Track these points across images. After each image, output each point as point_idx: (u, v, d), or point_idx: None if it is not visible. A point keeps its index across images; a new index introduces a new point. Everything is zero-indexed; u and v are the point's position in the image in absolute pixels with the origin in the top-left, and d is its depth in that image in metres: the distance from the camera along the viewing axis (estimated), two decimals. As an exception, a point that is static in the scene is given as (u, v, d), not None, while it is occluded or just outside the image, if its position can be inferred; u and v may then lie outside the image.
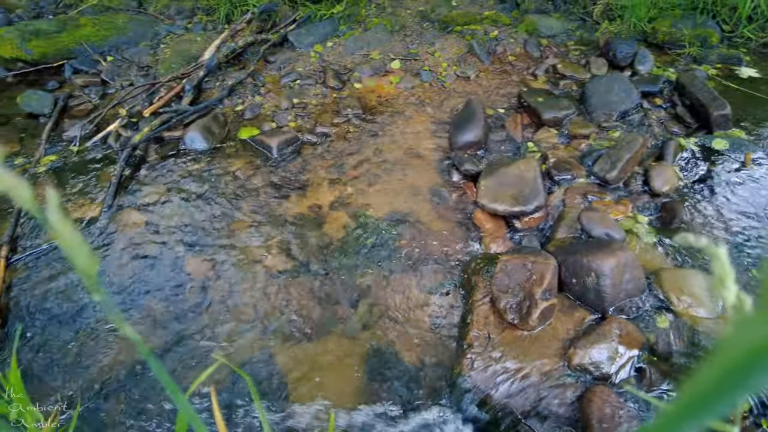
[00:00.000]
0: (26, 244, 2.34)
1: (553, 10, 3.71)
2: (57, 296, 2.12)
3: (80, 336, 1.98)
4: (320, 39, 3.51)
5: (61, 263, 2.24)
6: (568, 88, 3.07)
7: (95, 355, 1.92)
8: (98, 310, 2.06)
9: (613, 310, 1.93)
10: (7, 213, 2.45)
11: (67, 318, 2.04)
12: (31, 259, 2.27)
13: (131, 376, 1.86)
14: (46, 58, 3.45)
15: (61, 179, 2.66)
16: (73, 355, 1.92)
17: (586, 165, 2.52)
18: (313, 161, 2.71)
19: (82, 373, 1.87)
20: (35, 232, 2.39)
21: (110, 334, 1.98)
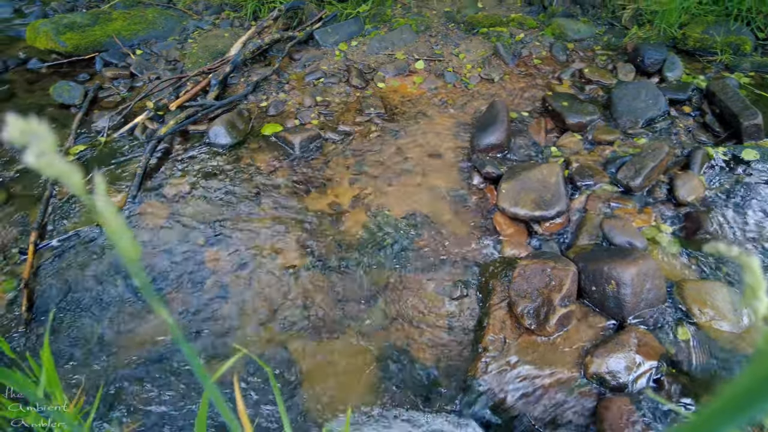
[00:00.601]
0: (54, 230, 2.40)
1: (580, 13, 3.67)
2: (82, 282, 2.17)
3: (104, 321, 2.03)
4: (345, 38, 3.53)
5: (86, 250, 2.30)
6: (594, 94, 3.03)
7: (118, 340, 1.97)
8: (121, 297, 2.11)
9: (633, 319, 1.90)
10: (37, 200, 2.52)
11: (91, 303, 2.09)
12: (58, 245, 2.33)
13: (154, 361, 1.90)
14: (79, 50, 3.54)
15: (89, 169, 2.72)
16: (96, 340, 1.97)
17: (610, 172, 2.48)
18: (335, 159, 2.72)
19: (105, 357, 1.91)
20: (63, 219, 2.45)
21: (133, 320, 2.03)
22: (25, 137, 0.25)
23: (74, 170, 0.27)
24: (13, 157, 2.80)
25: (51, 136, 0.26)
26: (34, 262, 2.25)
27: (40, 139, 0.25)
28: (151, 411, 1.76)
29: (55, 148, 0.25)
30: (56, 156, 0.25)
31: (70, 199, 2.54)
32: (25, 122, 0.25)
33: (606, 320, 1.93)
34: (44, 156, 0.25)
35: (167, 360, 1.90)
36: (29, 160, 0.26)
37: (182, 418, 1.75)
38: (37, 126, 0.25)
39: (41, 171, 0.26)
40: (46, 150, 0.25)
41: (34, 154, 0.25)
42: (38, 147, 0.25)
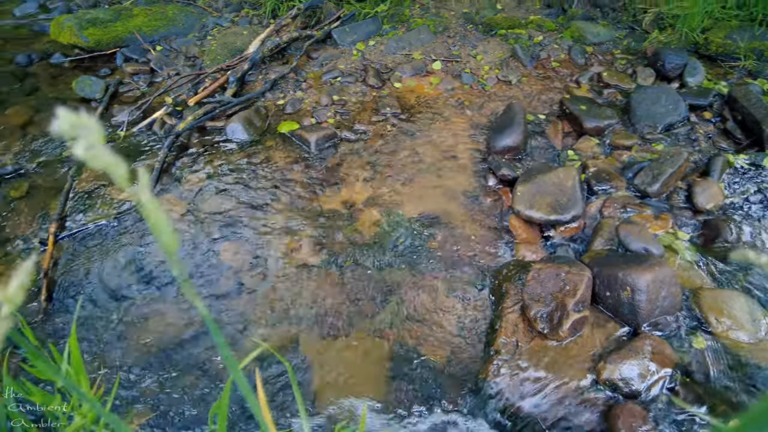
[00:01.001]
0: (73, 222, 2.44)
1: (600, 17, 3.64)
2: (99, 273, 2.21)
3: (121, 311, 2.06)
4: (363, 37, 3.54)
5: (103, 242, 2.34)
6: (612, 98, 3.00)
7: (135, 329, 2.00)
8: (137, 288, 2.14)
9: (647, 326, 1.88)
10: (57, 192, 2.56)
11: (108, 294, 2.13)
12: (77, 236, 2.37)
13: (170, 350, 1.92)
14: (101, 45, 3.59)
15: (108, 162, 2.76)
16: (113, 329, 2.00)
17: (627, 177, 2.46)
18: (350, 158, 2.73)
19: (123, 346, 1.94)
20: (81, 211, 2.49)
21: (150, 311, 2.05)
22: (74, 130, 0.26)
23: (120, 163, 0.28)
24: (35, 150, 2.85)
25: (99, 130, 0.27)
26: (53, 252, 2.29)
27: (88, 132, 0.26)
28: (166, 401, 1.79)
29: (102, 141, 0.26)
30: (103, 148, 0.26)
31: (89, 192, 2.58)
32: (74, 115, 0.26)
33: (620, 327, 1.92)
34: (92, 148, 0.26)
35: (182, 351, 1.93)
36: (78, 152, 0.27)
37: (197, 409, 1.77)
38: (86, 119, 0.26)
39: (89, 163, 0.27)
40: (94, 143, 0.26)
41: (83, 147, 0.26)
42: (87, 140, 0.26)
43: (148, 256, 2.27)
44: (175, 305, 2.09)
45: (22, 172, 2.70)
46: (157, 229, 0.29)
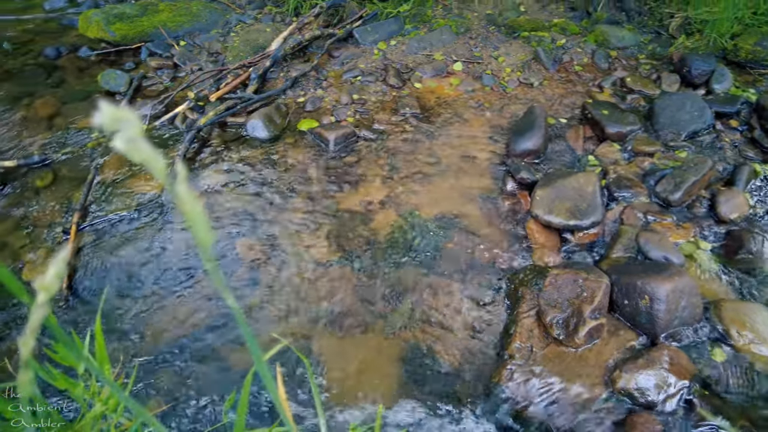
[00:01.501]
0: (95, 212, 2.49)
1: (626, 21, 3.59)
2: (120, 263, 2.25)
3: (140, 301, 2.09)
4: (385, 37, 3.54)
5: (124, 232, 2.38)
6: (636, 103, 2.96)
7: (152, 320, 2.03)
8: (156, 280, 2.17)
9: (665, 336, 1.85)
10: (80, 183, 2.61)
11: (128, 284, 2.16)
12: (99, 226, 2.42)
13: (187, 342, 1.95)
14: (126, 40, 3.65)
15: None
16: (131, 318, 2.03)
17: (648, 184, 2.43)
18: (368, 157, 2.74)
19: (139, 337, 1.97)
20: (104, 202, 2.54)
21: (167, 302, 2.08)
22: (115, 123, 0.27)
23: (158, 157, 0.28)
24: (61, 141, 2.91)
25: (139, 123, 0.27)
26: (76, 241, 2.34)
27: (129, 126, 0.26)
28: (181, 392, 1.81)
29: (142, 134, 0.27)
30: (144, 142, 0.27)
31: (111, 184, 2.63)
32: (115, 109, 0.26)
33: (637, 336, 1.89)
34: (132, 142, 0.27)
35: (198, 343, 1.95)
36: (118, 145, 0.27)
37: (212, 401, 1.79)
38: (126, 113, 0.27)
39: (128, 156, 0.28)
40: (135, 136, 0.27)
41: (123, 140, 0.27)
42: (127, 133, 0.26)
43: (166, 249, 2.30)
44: (191, 298, 2.11)
45: (47, 162, 2.76)
46: (193, 222, 0.30)
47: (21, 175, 2.69)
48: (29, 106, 3.16)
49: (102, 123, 0.27)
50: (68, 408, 1.68)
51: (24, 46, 3.74)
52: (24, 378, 0.38)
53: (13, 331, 2.00)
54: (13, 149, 2.85)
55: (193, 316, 2.05)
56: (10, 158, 2.76)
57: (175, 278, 2.19)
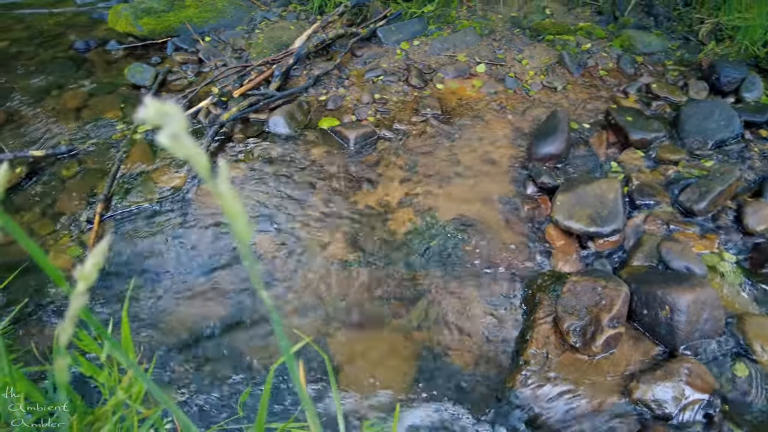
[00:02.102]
0: (118, 203, 2.53)
1: (653, 26, 3.52)
2: (140, 254, 2.28)
3: (158, 292, 2.13)
4: (408, 37, 3.53)
5: (146, 224, 2.42)
6: (661, 110, 2.91)
7: (170, 310, 2.06)
8: (176, 271, 2.20)
9: (685, 348, 1.82)
10: (105, 174, 2.67)
11: (149, 274, 2.20)
12: (121, 217, 2.46)
13: (203, 335, 1.97)
14: (154, 34, 3.71)
15: (154, 147, 2.85)
16: (149, 308, 2.07)
17: (672, 192, 2.38)
18: (387, 157, 2.74)
19: (157, 326, 2.01)
20: (127, 193, 2.58)
21: (185, 293, 2.11)
22: (160, 119, 0.27)
23: (202, 153, 0.28)
24: (87, 133, 2.97)
25: (184, 120, 0.28)
26: (98, 231, 2.38)
27: (174, 122, 0.27)
28: (196, 385, 1.83)
29: (185, 129, 0.27)
30: (188, 138, 0.27)
31: (134, 176, 2.68)
32: (161, 104, 0.27)
33: (655, 346, 1.86)
34: (176, 137, 0.27)
35: (215, 337, 1.98)
36: (162, 140, 0.28)
37: (226, 396, 1.81)
38: (171, 108, 0.27)
39: (172, 151, 0.28)
40: (179, 132, 0.27)
41: (167, 135, 0.27)
42: (172, 129, 0.27)
43: (186, 242, 2.34)
44: (209, 291, 2.14)
45: (74, 152, 2.82)
46: (233, 219, 0.30)
47: (49, 164, 2.76)
48: (58, 98, 3.23)
49: (147, 117, 0.27)
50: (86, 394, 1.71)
51: (55, 38, 3.82)
52: (61, 365, 0.39)
53: (39, 314, 2.05)
54: (42, 139, 2.92)
55: (210, 309, 2.08)
56: (39, 148, 2.83)
57: (193, 271, 2.22)
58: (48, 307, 2.08)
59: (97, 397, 1.67)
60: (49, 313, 2.06)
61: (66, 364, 0.39)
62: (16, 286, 2.09)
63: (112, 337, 1.04)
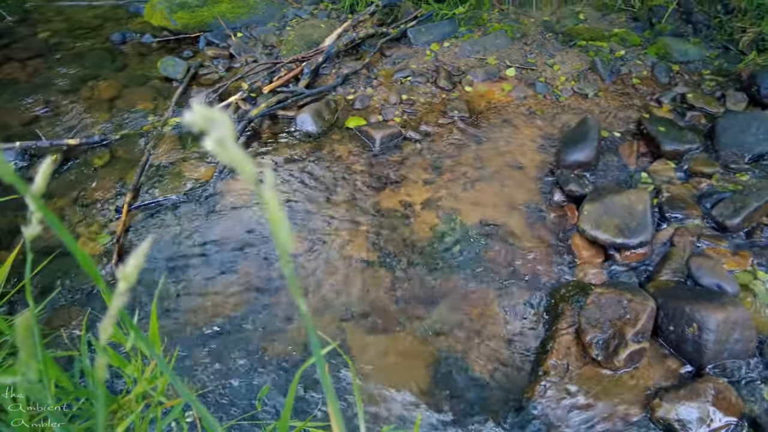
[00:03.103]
0: (146, 193, 2.58)
1: (691, 33, 3.43)
2: (166, 244, 2.32)
3: (182, 284, 2.16)
4: (438, 38, 3.51)
5: (172, 215, 2.46)
6: (696, 121, 2.83)
7: (193, 303, 2.09)
8: (199, 262, 2.23)
9: (712, 368, 1.77)
10: (134, 164, 2.72)
11: (173, 264, 2.24)
12: (149, 207, 2.51)
13: (225, 327, 2.00)
14: (187, 29, 3.78)
15: (183, 140, 2.90)
16: (173, 299, 2.10)
17: (704, 206, 2.31)
18: (412, 158, 2.73)
19: (180, 317, 2.04)
20: (155, 184, 2.63)
21: (209, 286, 2.14)
22: (206, 124, 0.27)
23: (248, 160, 0.28)
24: (119, 123, 3.04)
25: (231, 125, 0.28)
26: (126, 220, 2.44)
27: (220, 127, 0.27)
28: (216, 378, 1.86)
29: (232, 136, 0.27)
30: (233, 144, 0.27)
31: (163, 167, 2.72)
32: (208, 110, 0.27)
33: (681, 364, 1.81)
34: (222, 143, 0.27)
35: (236, 332, 2.00)
36: (208, 145, 0.28)
37: (245, 391, 1.83)
38: (218, 114, 0.27)
39: (217, 156, 0.28)
40: (225, 138, 0.27)
41: (213, 141, 0.27)
42: (218, 134, 0.27)
43: (211, 235, 2.37)
44: (232, 285, 2.17)
45: (106, 142, 2.89)
46: (276, 226, 0.30)
47: (82, 152, 2.83)
48: (93, 88, 3.31)
49: (193, 122, 0.27)
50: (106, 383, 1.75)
51: (93, 30, 3.92)
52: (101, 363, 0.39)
53: (69, 299, 2.11)
54: (76, 128, 3.00)
55: (232, 304, 2.10)
56: (74, 137, 2.90)
57: (217, 264, 2.25)
58: (77, 293, 2.13)
59: (114, 382, 1.71)
60: (78, 298, 2.12)
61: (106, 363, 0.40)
62: (47, 272, 2.15)
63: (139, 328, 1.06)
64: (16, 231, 2.41)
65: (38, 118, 3.08)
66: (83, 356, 0.89)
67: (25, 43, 3.78)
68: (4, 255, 2.25)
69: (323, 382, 0.41)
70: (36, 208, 0.37)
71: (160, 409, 0.89)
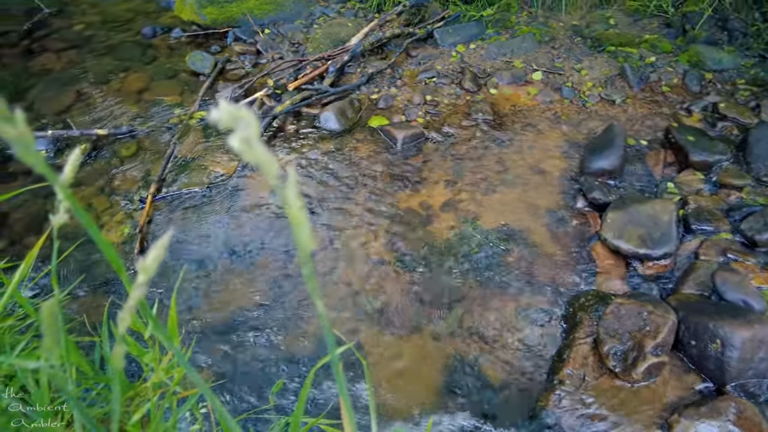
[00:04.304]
0: (170, 186, 2.63)
1: (726, 41, 3.34)
2: (187, 236, 2.36)
3: (201, 276, 2.19)
4: (464, 40, 3.49)
5: (194, 208, 2.50)
6: (727, 132, 2.75)
7: (211, 295, 2.12)
8: (219, 256, 2.26)
9: (734, 386, 1.72)
10: (160, 156, 2.77)
11: (192, 257, 2.27)
12: (171, 199, 2.55)
13: (241, 321, 2.02)
14: (216, 24, 3.83)
15: (207, 134, 2.94)
16: (191, 291, 2.13)
17: (733, 220, 2.25)
18: (434, 159, 2.72)
19: (197, 309, 2.07)
20: (179, 177, 2.67)
21: (227, 280, 2.17)
22: (233, 121, 0.27)
23: (272, 159, 0.28)
24: (147, 115, 3.10)
25: (256, 124, 0.28)
26: (150, 211, 2.48)
27: (246, 126, 0.27)
28: (231, 370, 1.88)
29: (258, 135, 0.27)
30: (258, 143, 0.27)
31: (187, 161, 2.77)
32: (234, 108, 0.27)
33: (701, 381, 1.77)
34: (248, 142, 0.27)
35: (253, 326, 2.02)
36: (233, 143, 0.28)
37: (261, 383, 1.84)
38: (245, 113, 0.27)
39: (242, 155, 0.28)
40: (251, 137, 0.27)
41: (239, 139, 0.27)
42: (244, 133, 0.27)
43: (231, 229, 2.40)
44: (250, 280, 2.19)
45: (134, 133, 2.95)
46: (297, 227, 0.30)
47: (110, 143, 2.89)
48: (123, 80, 3.38)
49: (220, 119, 0.27)
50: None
51: (125, 24, 4.00)
52: (118, 352, 0.40)
53: (90, 286, 2.16)
54: (105, 119, 3.07)
55: (249, 298, 2.12)
56: (102, 127, 2.97)
57: (236, 258, 2.28)
58: (101, 280, 2.18)
59: (132, 368, 1.74)
60: (101, 284, 2.17)
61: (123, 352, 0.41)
62: (72, 258, 2.20)
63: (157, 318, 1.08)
64: (44, 218, 2.47)
65: (70, 108, 3.16)
66: (104, 343, 0.91)
67: (61, 34, 3.88)
68: (33, 240, 2.32)
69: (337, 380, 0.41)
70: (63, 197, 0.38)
71: (176, 398, 0.91)
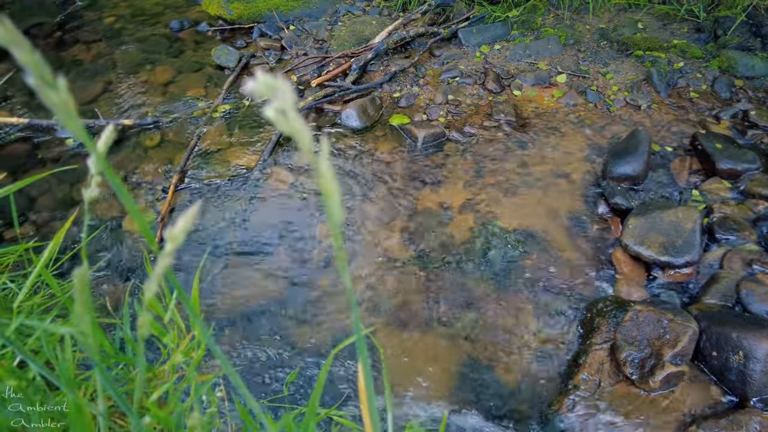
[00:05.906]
0: (192, 177, 2.67)
1: (760, 48, 3.26)
2: (208, 226, 2.39)
3: (219, 265, 2.22)
4: (489, 40, 3.47)
5: (215, 199, 2.53)
6: (757, 140, 2.69)
7: (228, 284, 2.15)
8: (239, 247, 2.29)
9: (757, 400, 1.68)
10: (183, 147, 2.81)
11: (212, 246, 2.30)
12: (193, 190, 2.59)
13: (257, 310, 2.04)
14: (242, 19, 3.87)
15: (230, 127, 2.98)
16: (209, 279, 2.16)
17: (760, 230, 2.20)
18: (454, 159, 2.71)
19: (214, 297, 2.09)
20: (201, 168, 2.71)
21: (245, 270, 2.19)
22: (269, 92, 0.28)
23: (307, 130, 0.29)
24: (171, 107, 3.15)
25: (293, 95, 0.28)
26: (172, 200, 2.52)
27: (282, 97, 0.27)
28: (246, 358, 1.90)
29: (292, 105, 0.27)
30: (294, 114, 0.28)
31: (210, 153, 2.80)
32: (271, 78, 0.27)
33: (722, 393, 1.73)
34: (283, 112, 0.27)
35: (268, 314, 2.04)
36: (269, 113, 0.28)
37: (276, 372, 1.86)
38: (281, 83, 0.28)
39: (277, 125, 0.29)
40: (287, 107, 0.27)
41: (274, 109, 0.28)
42: (280, 103, 0.27)
43: (251, 220, 2.42)
44: (267, 271, 2.21)
45: (158, 124, 3.00)
46: (328, 198, 0.30)
47: (135, 133, 2.95)
48: (150, 72, 3.44)
49: (256, 90, 0.28)
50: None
51: (154, 17, 4.08)
52: (144, 320, 0.41)
53: (112, 269, 2.20)
54: (131, 109, 3.13)
55: (265, 288, 2.14)
56: (128, 117, 3.03)
57: (255, 249, 2.30)
58: (119, 264, 2.22)
59: (150, 351, 1.77)
60: (121, 269, 2.21)
61: (149, 320, 0.42)
62: (93, 244, 2.25)
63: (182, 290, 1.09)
64: (70, 204, 2.53)
65: (97, 98, 3.23)
66: (125, 324, 0.93)
67: (92, 26, 3.97)
68: (58, 225, 2.38)
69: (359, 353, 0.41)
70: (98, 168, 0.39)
71: (194, 381, 0.92)
